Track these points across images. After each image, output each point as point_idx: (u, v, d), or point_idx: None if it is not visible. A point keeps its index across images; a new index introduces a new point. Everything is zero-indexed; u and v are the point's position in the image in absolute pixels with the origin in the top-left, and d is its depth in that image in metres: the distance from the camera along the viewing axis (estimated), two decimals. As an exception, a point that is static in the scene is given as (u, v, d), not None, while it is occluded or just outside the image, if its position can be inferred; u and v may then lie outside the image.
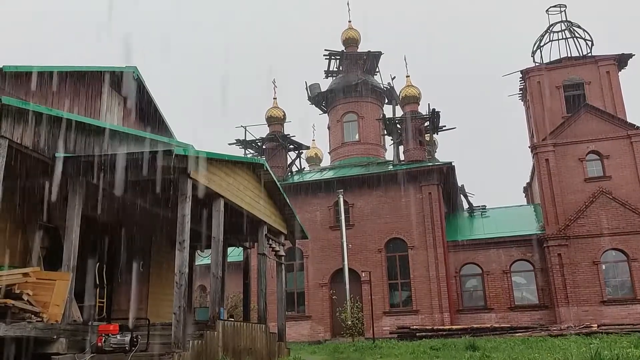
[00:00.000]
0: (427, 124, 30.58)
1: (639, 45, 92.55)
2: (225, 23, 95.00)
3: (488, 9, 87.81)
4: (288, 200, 15.41)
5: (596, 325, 22.34)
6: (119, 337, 8.99)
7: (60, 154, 9.47)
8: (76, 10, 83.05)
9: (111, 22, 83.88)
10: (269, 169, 13.75)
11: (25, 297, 8.26)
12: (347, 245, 26.68)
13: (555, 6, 31.64)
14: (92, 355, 8.88)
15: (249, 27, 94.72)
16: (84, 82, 12.93)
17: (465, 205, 33.10)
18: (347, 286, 25.95)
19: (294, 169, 33.89)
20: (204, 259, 31.35)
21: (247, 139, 33.11)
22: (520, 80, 31.45)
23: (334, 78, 36.23)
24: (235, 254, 29.38)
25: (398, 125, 30.68)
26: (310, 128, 57.24)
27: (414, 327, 24.54)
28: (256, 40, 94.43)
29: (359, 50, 36.24)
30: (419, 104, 31.04)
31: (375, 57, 35.06)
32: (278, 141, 32.47)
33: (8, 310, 7.90)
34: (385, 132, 32.83)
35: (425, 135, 30.82)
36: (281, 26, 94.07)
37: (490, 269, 26.96)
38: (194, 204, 10.26)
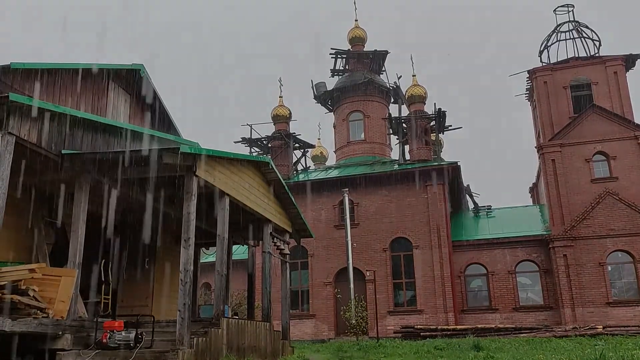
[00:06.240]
0: (432, 123, 30.51)
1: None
2: (232, 20, 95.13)
3: (496, 9, 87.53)
4: (293, 199, 15.41)
5: (601, 326, 22.22)
6: (123, 334, 9.04)
7: (67, 151, 9.53)
8: (78, 9, 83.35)
9: (117, 20, 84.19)
10: (274, 167, 13.75)
11: (31, 293, 8.32)
12: (351, 244, 26.68)
13: (562, 6, 31.50)
14: (97, 351, 8.92)
15: (255, 25, 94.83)
16: (91, 79, 12.98)
17: (471, 205, 33.04)
18: (352, 285, 25.93)
19: (300, 167, 33.90)
20: (208, 256, 31.49)
21: (252, 138, 33.17)
22: (527, 80, 31.34)
23: (340, 77, 36.20)
24: (240, 252, 29.43)
25: (404, 125, 30.64)
26: (316, 127, 57.28)
27: (418, 326, 24.48)
28: (263, 38, 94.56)
29: (365, 49, 36.18)
30: (424, 104, 31.00)
31: (381, 56, 35.00)
32: (283, 140, 32.46)
33: (14, 306, 7.95)
34: (391, 132, 32.79)
35: (431, 134, 30.75)
36: (287, 24, 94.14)
37: (495, 269, 26.89)
38: (200, 201, 10.29)
